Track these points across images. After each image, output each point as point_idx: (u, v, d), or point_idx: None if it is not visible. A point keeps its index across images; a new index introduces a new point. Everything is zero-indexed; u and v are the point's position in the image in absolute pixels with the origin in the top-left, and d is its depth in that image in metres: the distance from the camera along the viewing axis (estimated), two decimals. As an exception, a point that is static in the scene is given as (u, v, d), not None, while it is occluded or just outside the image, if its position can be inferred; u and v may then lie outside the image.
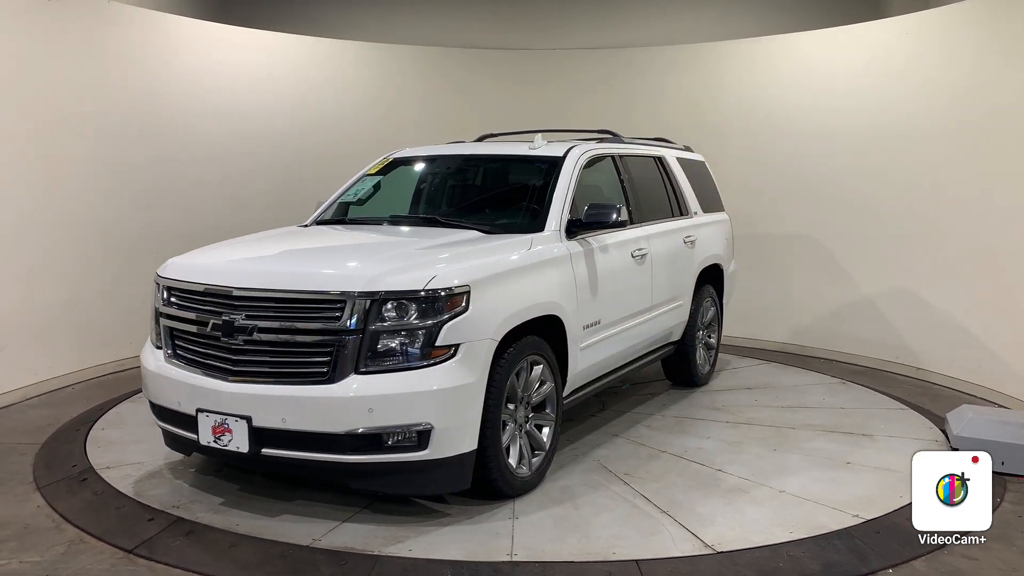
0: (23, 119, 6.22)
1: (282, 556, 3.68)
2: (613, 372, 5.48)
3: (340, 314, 3.77)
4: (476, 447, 3.95)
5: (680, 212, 6.38)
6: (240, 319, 3.94)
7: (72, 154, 6.60)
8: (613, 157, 5.72)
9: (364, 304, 3.75)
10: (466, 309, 3.88)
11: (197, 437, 4.02)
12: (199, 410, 3.99)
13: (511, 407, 4.25)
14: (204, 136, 7.71)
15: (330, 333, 3.78)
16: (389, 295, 3.77)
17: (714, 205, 7.00)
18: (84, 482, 4.54)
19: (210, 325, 4.04)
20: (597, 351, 5.04)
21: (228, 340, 3.95)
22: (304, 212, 5.81)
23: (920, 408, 6.11)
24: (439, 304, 3.81)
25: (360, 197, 5.71)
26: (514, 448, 4.29)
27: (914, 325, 7.21)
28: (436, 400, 3.75)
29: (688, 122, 8.23)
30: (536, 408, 4.50)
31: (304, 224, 5.54)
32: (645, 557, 3.68)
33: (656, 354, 6.11)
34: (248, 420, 3.82)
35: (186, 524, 3.98)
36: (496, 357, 4.03)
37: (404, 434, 3.74)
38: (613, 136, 6.14)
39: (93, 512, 4.16)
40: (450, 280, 3.87)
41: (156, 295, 4.45)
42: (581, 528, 3.97)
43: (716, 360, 7.01)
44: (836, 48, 7.67)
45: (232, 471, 4.64)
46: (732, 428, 5.57)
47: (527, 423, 4.42)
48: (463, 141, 6.34)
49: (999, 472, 4.52)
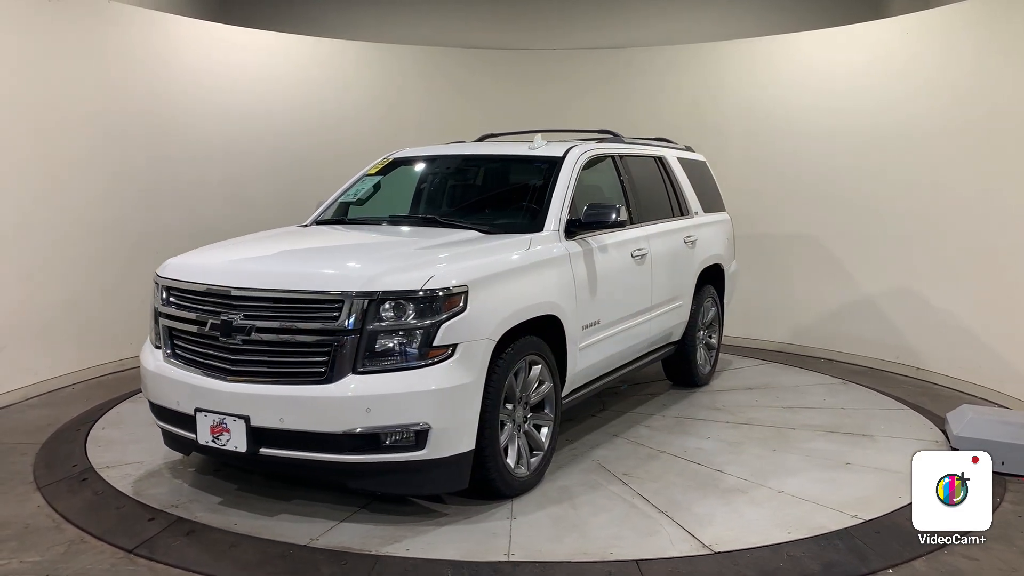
0: (23, 119, 6.22)
1: (282, 556, 3.68)
2: (613, 372, 5.46)
3: (338, 314, 3.77)
4: (474, 447, 3.94)
5: (681, 212, 6.37)
6: (238, 319, 3.94)
7: (72, 154, 6.60)
8: (613, 157, 5.71)
9: (362, 304, 3.75)
10: (464, 309, 3.87)
11: (196, 437, 4.03)
12: (197, 410, 3.99)
13: (509, 407, 4.25)
14: (204, 136, 7.71)
15: (328, 333, 3.78)
16: (387, 295, 3.77)
17: (715, 205, 6.99)
18: (84, 482, 4.54)
19: (208, 325, 4.05)
20: (596, 351, 5.03)
21: (226, 340, 3.96)
22: (304, 212, 5.82)
23: (920, 408, 6.10)
24: (437, 304, 3.81)
25: (360, 197, 5.71)
26: (512, 448, 4.29)
27: (914, 325, 7.20)
28: (434, 400, 3.75)
29: (688, 122, 8.22)
30: (535, 408, 4.49)
31: (304, 224, 5.54)
32: (642, 557, 3.68)
33: (656, 354, 6.10)
34: (246, 420, 3.82)
35: (186, 524, 3.98)
36: (494, 357, 4.02)
37: (402, 434, 3.73)
38: (613, 136, 6.13)
39: (93, 512, 4.16)
40: (448, 280, 3.86)
41: (155, 295, 4.45)
42: (578, 528, 3.97)
43: (717, 360, 7.00)
44: (836, 48, 7.66)
45: (231, 471, 4.64)
46: (732, 428, 5.56)
47: (525, 423, 4.41)
48: (464, 141, 6.34)
49: (999, 472, 4.51)
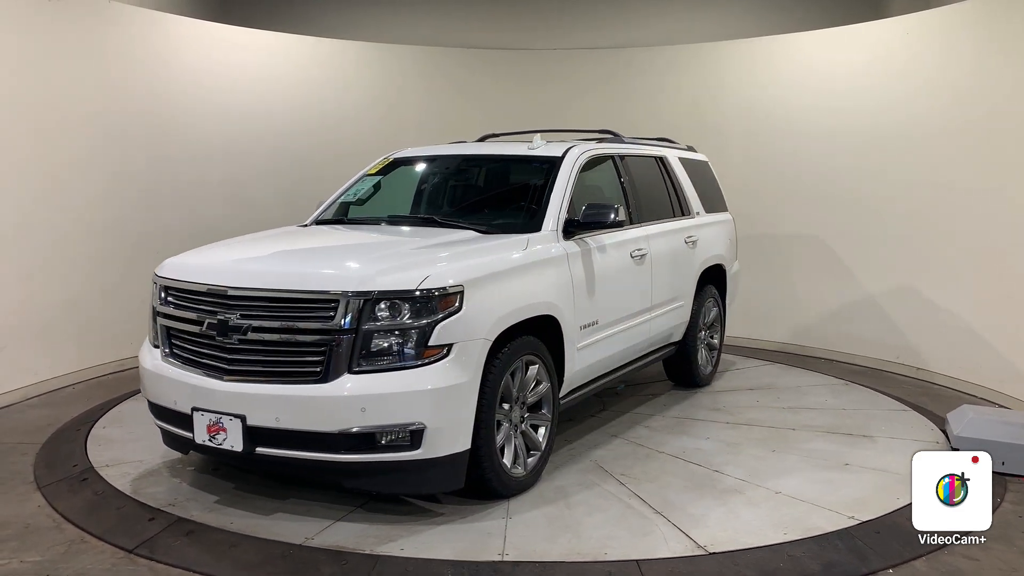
0: (24, 119, 6.23)
1: (283, 556, 3.68)
2: (612, 373, 5.45)
3: (333, 313, 3.77)
4: (469, 447, 3.94)
5: (682, 212, 6.35)
6: (235, 318, 3.95)
7: (72, 154, 6.61)
8: (613, 157, 5.70)
9: (357, 304, 3.75)
10: (459, 309, 3.87)
11: (193, 436, 4.03)
12: (194, 409, 4.00)
13: (506, 407, 4.25)
14: (204, 136, 7.71)
15: (324, 332, 3.78)
16: (382, 295, 3.77)
17: (717, 205, 6.97)
18: (85, 482, 4.54)
19: (205, 324, 4.05)
20: (595, 351, 5.02)
21: (223, 339, 3.97)
22: (304, 212, 5.82)
23: (921, 408, 6.08)
24: (432, 304, 3.81)
25: (360, 197, 5.72)
26: (509, 448, 4.28)
27: (914, 325, 7.18)
28: (429, 400, 3.74)
29: (688, 122, 8.22)
30: (532, 408, 4.49)
31: (304, 224, 5.55)
32: (636, 557, 3.67)
33: (657, 355, 6.08)
34: (242, 419, 3.83)
35: (186, 524, 3.98)
36: (490, 357, 4.02)
37: (397, 433, 3.73)
38: (614, 136, 6.12)
39: (94, 512, 4.16)
40: (443, 280, 3.86)
41: (153, 294, 4.47)
42: (573, 528, 3.96)
43: (719, 361, 6.98)
44: (836, 48, 7.65)
45: (229, 469, 4.65)
46: (732, 429, 5.55)
47: (522, 423, 4.41)
48: (465, 141, 6.34)
49: (999, 472, 4.51)
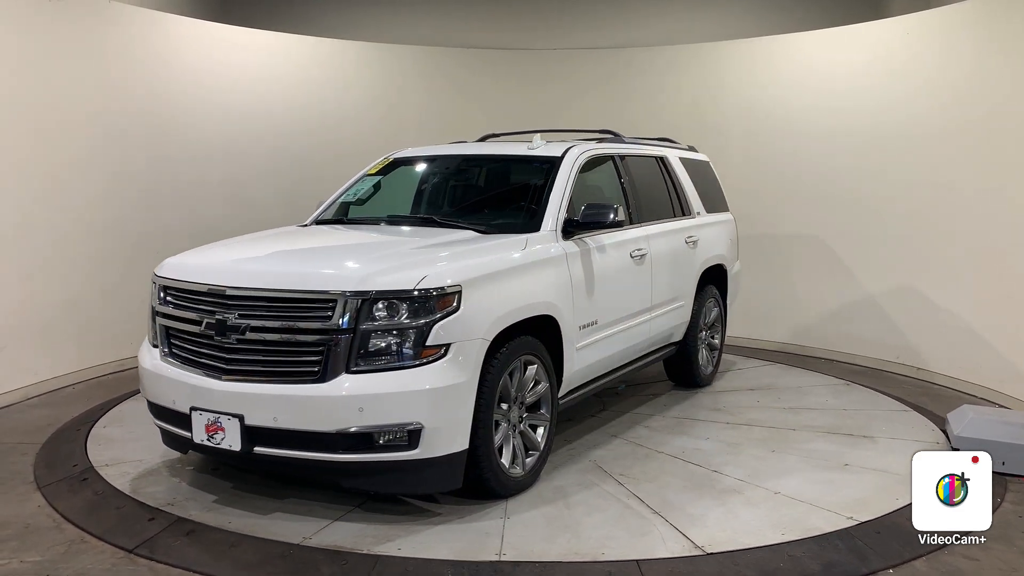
0: (24, 119, 6.23)
1: (282, 556, 3.68)
2: (611, 373, 5.44)
3: (331, 313, 3.77)
4: (467, 447, 3.94)
5: (682, 212, 6.34)
6: (233, 318, 3.95)
7: (72, 154, 6.61)
8: (613, 157, 5.69)
9: (355, 303, 3.75)
10: (457, 309, 3.87)
11: (191, 435, 4.03)
12: (193, 408, 4.00)
13: (504, 407, 4.24)
14: (205, 136, 7.72)
15: (321, 332, 3.78)
16: (380, 295, 3.77)
17: (718, 205, 6.95)
18: (85, 482, 4.54)
19: (204, 324, 4.06)
20: (594, 351, 5.02)
21: (221, 339, 3.97)
22: (304, 212, 5.83)
23: (921, 408, 6.08)
24: (430, 304, 3.81)
25: (360, 197, 5.72)
26: (507, 448, 4.28)
27: (915, 325, 7.18)
28: (426, 399, 3.74)
29: (688, 122, 8.21)
30: (531, 408, 4.48)
31: (304, 224, 5.55)
32: (634, 557, 3.67)
33: (657, 355, 6.07)
34: (240, 419, 3.83)
35: (186, 524, 3.98)
36: (488, 357, 4.02)
37: (395, 433, 3.73)
38: (615, 136, 6.12)
39: (94, 512, 4.16)
40: (441, 280, 3.86)
41: (152, 294, 4.47)
42: (571, 528, 3.96)
43: (720, 361, 6.96)
44: (836, 48, 7.65)
45: (228, 469, 4.65)
46: (732, 429, 5.54)
47: (521, 423, 4.40)
48: (466, 141, 6.33)
49: (999, 472, 4.51)
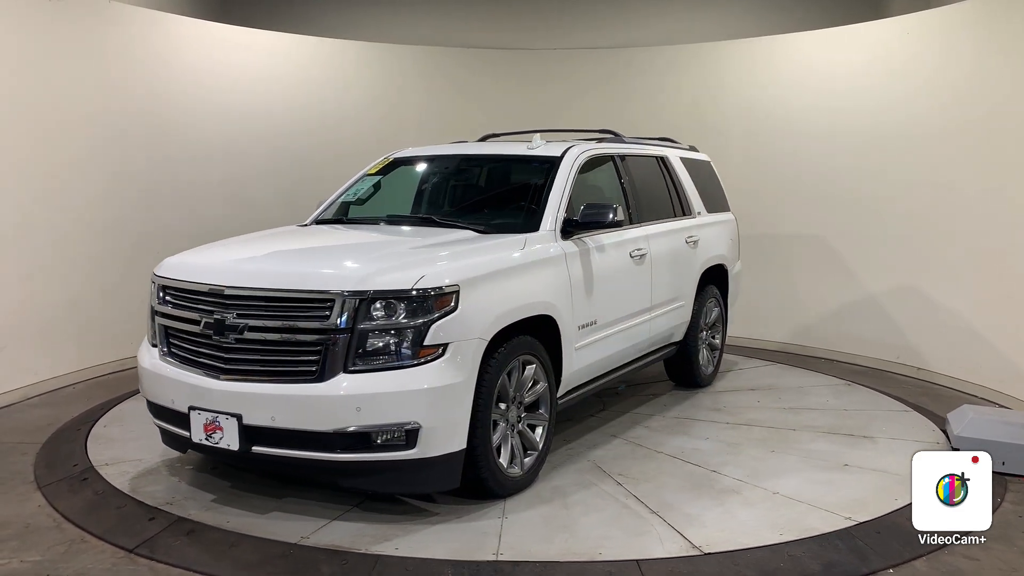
0: (24, 119, 6.24)
1: (283, 556, 3.68)
2: (611, 373, 5.44)
3: (329, 313, 3.77)
4: (465, 446, 3.94)
5: (683, 212, 6.33)
6: (231, 318, 3.95)
7: (73, 154, 6.62)
8: (613, 157, 5.69)
9: (353, 303, 3.75)
10: (455, 308, 3.86)
11: (190, 435, 4.04)
12: (191, 408, 4.00)
13: (502, 407, 4.24)
14: (205, 136, 7.72)
15: (319, 332, 3.78)
16: (378, 294, 3.77)
17: (719, 205, 6.94)
18: (85, 481, 4.54)
19: (202, 323, 4.06)
20: (593, 351, 5.01)
21: (219, 338, 3.97)
22: (304, 212, 5.83)
23: (921, 408, 6.07)
24: (428, 303, 3.81)
25: (360, 197, 5.71)
26: (505, 448, 4.28)
27: (915, 325, 7.17)
28: (424, 399, 3.74)
29: (688, 122, 8.20)
30: (529, 408, 4.48)
31: (303, 224, 5.55)
32: (630, 557, 3.66)
33: (657, 355, 6.06)
34: (238, 418, 3.83)
35: (186, 523, 3.99)
36: (486, 357, 4.02)
37: (392, 433, 3.73)
38: (615, 136, 6.11)
39: (94, 511, 4.16)
40: (439, 279, 3.86)
41: (152, 293, 4.47)
42: (569, 528, 3.96)
43: (720, 361, 6.94)
44: (836, 48, 7.64)
45: (227, 468, 4.65)
46: (732, 429, 5.53)
47: (519, 423, 4.40)
48: (466, 141, 6.33)
49: (1000, 472, 4.51)
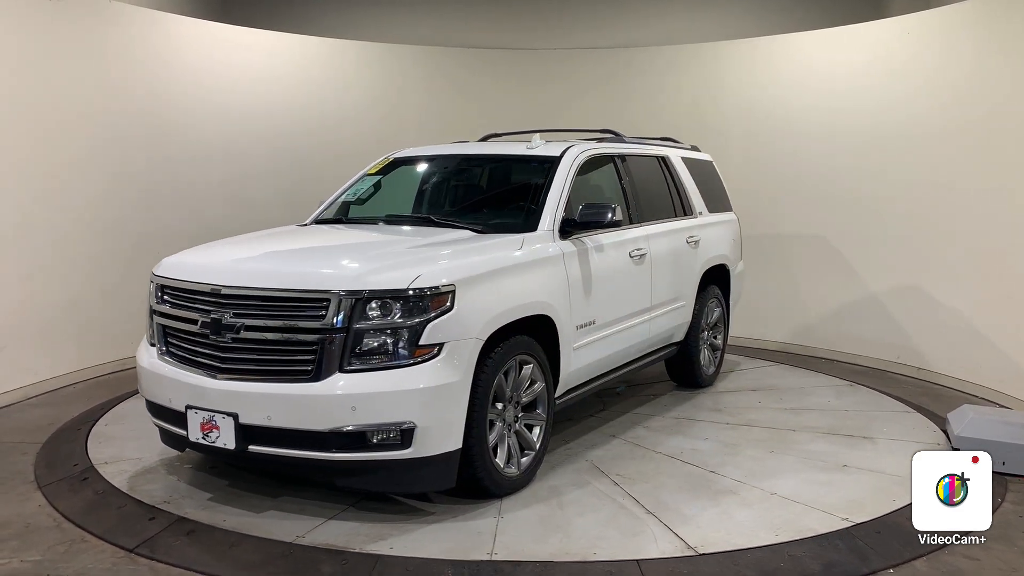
0: (24, 119, 6.24)
1: (283, 555, 3.68)
2: (610, 373, 5.43)
3: (325, 312, 3.77)
4: (461, 446, 3.93)
5: (684, 212, 6.32)
6: (227, 317, 3.96)
7: (73, 154, 6.62)
8: (613, 157, 5.68)
9: (349, 303, 3.75)
10: (451, 308, 3.86)
11: (187, 434, 4.04)
12: (188, 407, 4.01)
13: (499, 407, 4.24)
14: (205, 136, 7.72)
15: (315, 331, 3.79)
16: (373, 294, 3.77)
17: (721, 205, 6.92)
18: (85, 481, 4.55)
19: (199, 323, 4.06)
20: (592, 352, 5.01)
21: (216, 338, 3.98)
22: (304, 212, 5.84)
23: (922, 408, 6.06)
24: (424, 303, 3.81)
25: (360, 196, 5.72)
26: (502, 448, 4.28)
27: (915, 325, 7.16)
28: (419, 399, 3.74)
29: (688, 122, 8.20)
30: (526, 408, 4.48)
31: (303, 223, 5.56)
32: (625, 557, 3.65)
33: (658, 355, 6.05)
34: (235, 417, 3.83)
35: (187, 523, 3.99)
36: (483, 356, 4.02)
37: (388, 432, 3.73)
38: (615, 136, 6.11)
39: (94, 511, 4.17)
40: (435, 279, 3.86)
41: (150, 293, 4.48)
42: (564, 528, 3.95)
43: (722, 361, 6.92)
44: (836, 48, 7.63)
45: (226, 467, 4.65)
46: (731, 430, 5.52)
47: (516, 423, 4.40)
48: (467, 141, 6.33)
49: (1000, 472, 4.50)
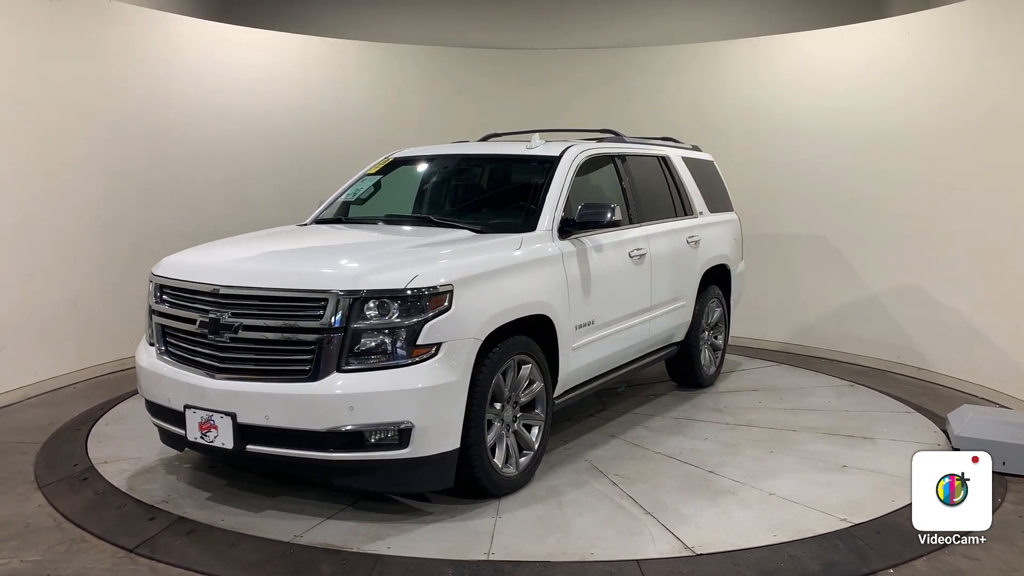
0: (24, 119, 6.25)
1: (283, 555, 3.68)
2: (610, 373, 5.42)
3: (323, 312, 3.77)
4: (459, 446, 3.93)
5: (684, 212, 6.31)
6: (226, 317, 3.96)
7: (73, 154, 6.63)
8: (613, 157, 5.68)
9: (347, 302, 3.75)
10: (449, 308, 3.86)
11: (186, 433, 4.04)
12: (187, 406, 4.01)
13: (497, 406, 4.24)
14: (205, 136, 7.73)
15: (313, 331, 3.79)
16: (371, 294, 3.77)
17: (722, 205, 6.92)
18: (85, 481, 4.55)
19: (198, 323, 4.06)
20: (591, 351, 5.00)
21: (214, 337, 3.98)
22: (304, 212, 5.84)
23: (922, 408, 6.05)
24: (421, 303, 3.81)
25: (360, 196, 5.72)
26: (500, 448, 4.28)
27: (915, 325, 7.15)
28: (417, 398, 3.74)
29: (688, 122, 8.19)
30: (525, 408, 4.48)
31: (303, 223, 5.56)
32: (623, 558, 3.65)
33: (658, 355, 6.05)
34: (233, 417, 3.84)
35: (187, 523, 3.99)
36: (481, 356, 4.02)
37: (385, 432, 3.73)
38: (616, 136, 6.10)
39: (94, 511, 4.17)
40: (433, 279, 3.86)
41: (149, 292, 4.48)
42: (562, 528, 3.95)
43: (723, 361, 6.91)
44: (836, 48, 7.63)
45: (225, 467, 4.65)
46: (731, 430, 5.52)
47: (515, 423, 4.40)
48: (467, 141, 6.33)
49: (1000, 472, 4.50)
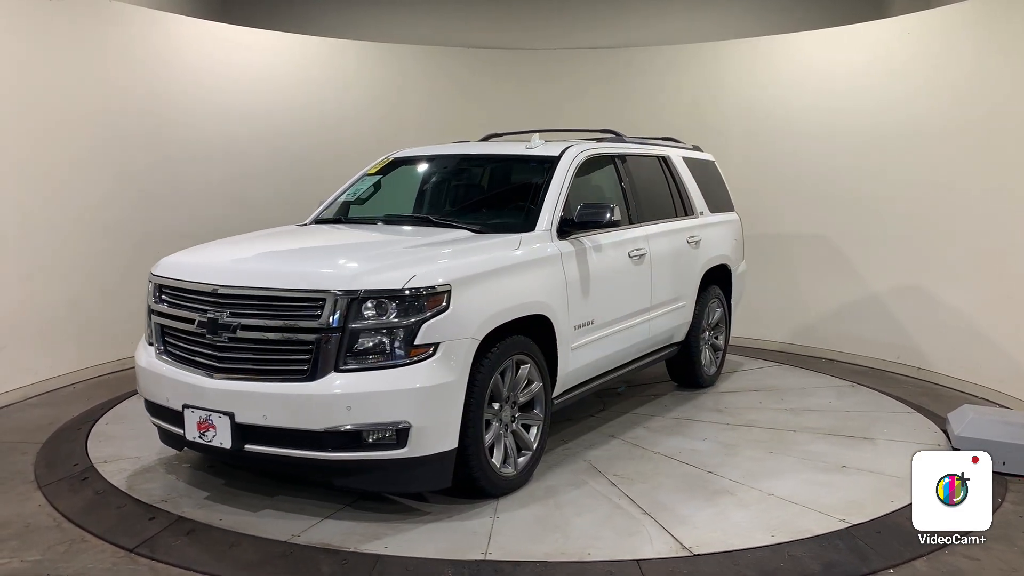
0: (24, 119, 6.25)
1: (283, 555, 3.68)
2: (610, 373, 5.42)
3: (321, 312, 3.78)
4: (456, 446, 3.93)
5: (685, 212, 6.30)
6: (224, 316, 3.96)
7: (73, 154, 6.63)
8: (613, 157, 5.67)
9: (345, 302, 3.76)
10: (446, 308, 3.86)
11: (184, 433, 4.05)
12: (185, 406, 4.02)
13: (496, 406, 4.24)
14: (205, 136, 7.73)
15: (311, 331, 3.79)
16: (369, 294, 3.77)
17: (723, 205, 6.91)
18: (85, 481, 4.55)
19: (196, 322, 4.07)
20: (590, 351, 5.00)
21: (213, 337, 3.98)
22: (304, 212, 5.84)
23: (922, 408, 6.04)
24: (419, 303, 3.81)
25: (360, 196, 5.72)
26: (499, 447, 4.28)
27: (915, 325, 7.14)
28: (415, 398, 3.74)
29: (688, 122, 8.18)
30: (524, 408, 4.48)
31: (303, 223, 5.56)
32: (620, 558, 3.65)
33: (658, 355, 6.04)
34: (231, 416, 3.84)
35: (187, 523, 3.99)
36: (479, 356, 4.02)
37: (383, 432, 3.73)
38: (616, 136, 6.10)
39: (94, 511, 4.17)
40: (431, 279, 3.86)
41: (148, 292, 4.49)
42: (560, 528, 3.95)
43: (724, 362, 6.91)
44: (836, 48, 7.62)
45: (224, 466, 4.66)
46: (731, 430, 5.51)
47: (513, 423, 4.40)
48: (468, 141, 6.33)
49: (1000, 472, 4.50)
